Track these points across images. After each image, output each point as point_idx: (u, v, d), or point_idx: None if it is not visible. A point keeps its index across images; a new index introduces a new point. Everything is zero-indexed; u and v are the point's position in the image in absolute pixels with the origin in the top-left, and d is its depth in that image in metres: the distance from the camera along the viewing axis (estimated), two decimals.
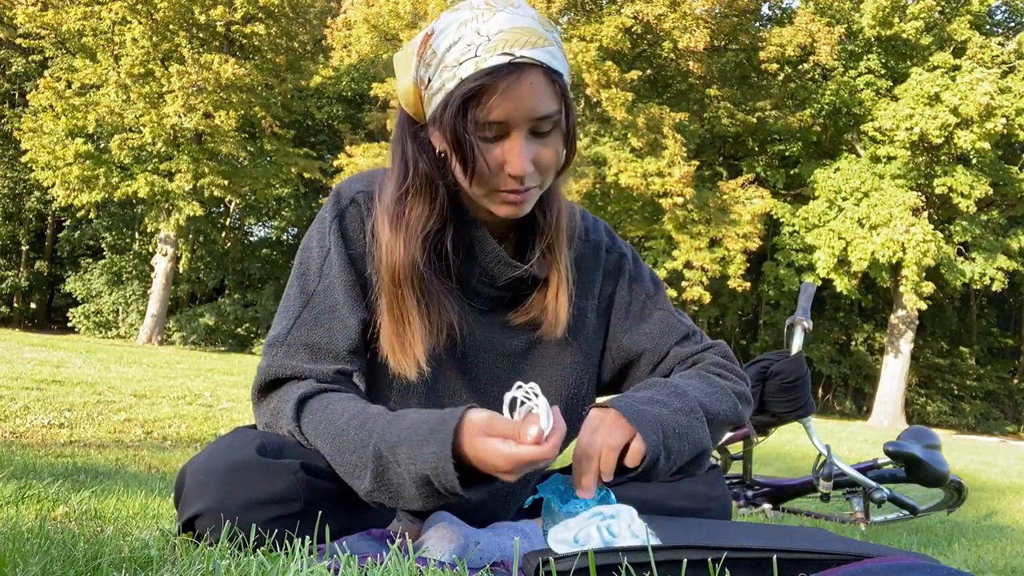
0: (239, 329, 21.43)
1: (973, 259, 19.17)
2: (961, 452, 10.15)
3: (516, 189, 1.06)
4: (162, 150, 17.82)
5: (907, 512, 3.26)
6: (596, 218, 1.34)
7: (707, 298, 18.03)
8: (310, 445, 1.04)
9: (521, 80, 0.99)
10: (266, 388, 1.11)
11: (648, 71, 19.73)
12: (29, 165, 18.22)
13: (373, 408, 1.04)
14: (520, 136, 1.02)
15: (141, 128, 17.42)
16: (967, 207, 17.93)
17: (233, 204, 22.84)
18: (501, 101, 0.99)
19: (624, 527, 0.92)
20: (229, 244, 23.70)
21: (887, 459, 2.89)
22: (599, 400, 1.16)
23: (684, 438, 1.05)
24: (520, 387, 0.93)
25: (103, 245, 23.38)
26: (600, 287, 1.27)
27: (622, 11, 17.49)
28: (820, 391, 24.74)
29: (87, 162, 17.45)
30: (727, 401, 1.14)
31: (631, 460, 1.01)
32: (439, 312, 1.12)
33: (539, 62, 1.00)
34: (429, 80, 1.04)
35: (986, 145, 17.07)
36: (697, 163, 17.95)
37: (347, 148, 18.11)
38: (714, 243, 17.92)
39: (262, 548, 0.90)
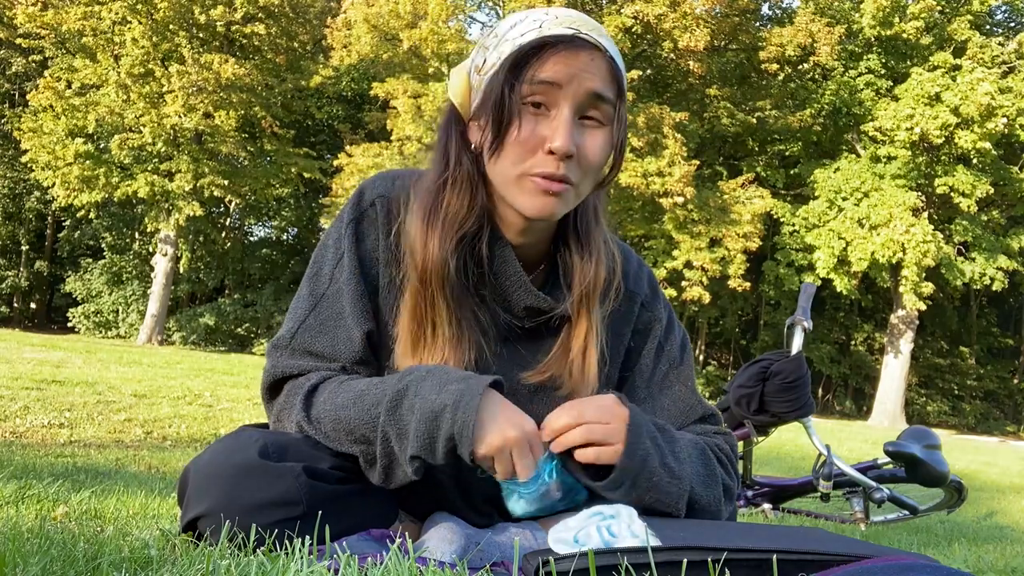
0: (239, 329, 21.43)
1: (973, 259, 19.16)
2: (961, 452, 10.15)
3: (551, 174, 0.99)
4: (162, 150, 17.82)
5: (907, 512, 3.26)
6: (641, 262, 1.25)
7: (707, 298, 18.04)
8: (317, 433, 1.02)
9: (581, 51, 0.98)
10: (273, 388, 1.11)
11: (648, 71, 19.74)
12: (29, 165, 18.24)
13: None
14: (568, 110, 0.99)
15: (141, 128, 17.43)
16: (968, 207, 17.93)
17: (233, 204, 22.84)
18: (557, 60, 0.97)
19: (624, 527, 0.92)
20: (229, 244, 23.70)
21: (887, 459, 2.88)
22: (621, 393, 1.09)
23: (656, 489, 1.01)
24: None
25: (103, 245, 23.39)
26: (627, 341, 1.21)
27: (622, 11, 17.49)
28: (820, 391, 24.74)
29: (87, 162, 17.46)
30: (714, 491, 1.08)
31: (590, 458, 0.99)
32: (469, 327, 1.06)
33: (603, 46, 1.00)
34: (484, 60, 1.02)
35: (987, 145, 17.07)
36: (697, 163, 17.95)
37: (347, 148, 18.11)
38: (714, 243, 17.92)
39: (262, 548, 0.90)
